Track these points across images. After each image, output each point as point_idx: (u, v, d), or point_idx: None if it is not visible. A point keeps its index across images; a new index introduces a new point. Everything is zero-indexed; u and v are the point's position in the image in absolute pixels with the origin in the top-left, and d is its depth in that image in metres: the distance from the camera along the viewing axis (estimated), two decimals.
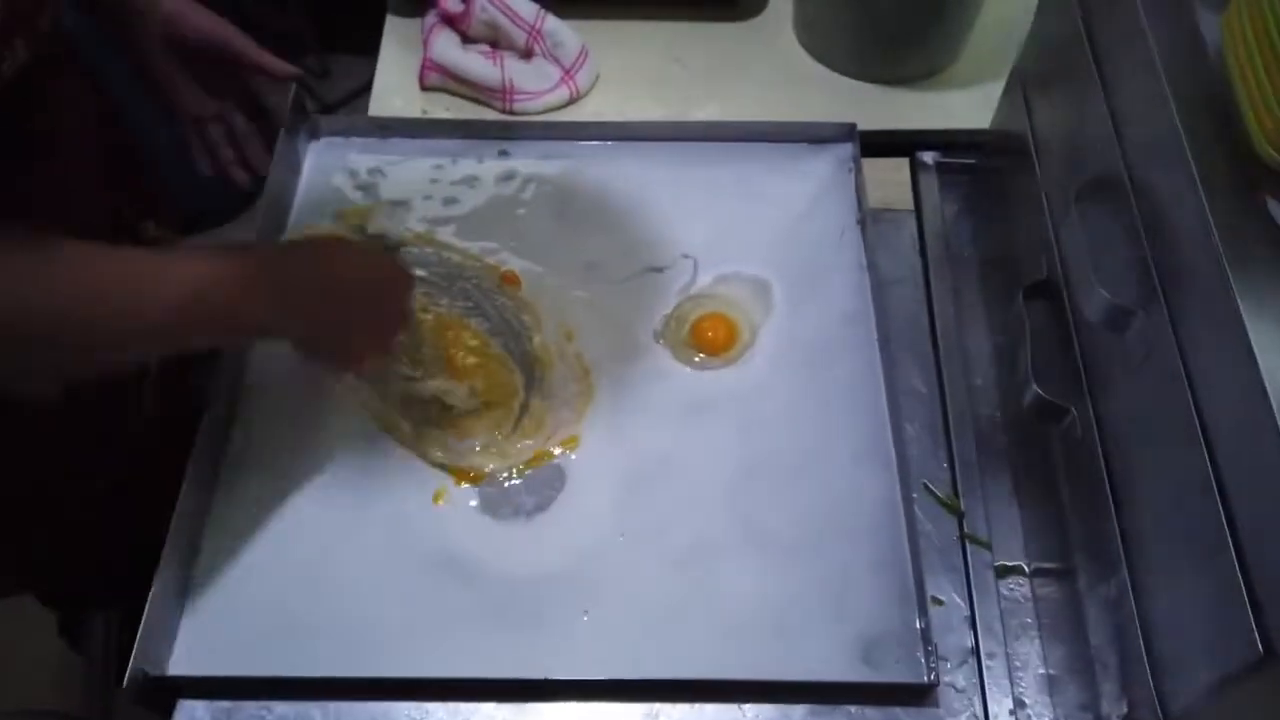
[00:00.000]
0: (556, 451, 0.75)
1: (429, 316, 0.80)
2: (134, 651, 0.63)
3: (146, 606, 0.64)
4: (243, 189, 0.89)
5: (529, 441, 0.76)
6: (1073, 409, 0.65)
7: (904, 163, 0.94)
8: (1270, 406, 0.46)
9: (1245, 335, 0.48)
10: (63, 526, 0.83)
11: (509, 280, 0.84)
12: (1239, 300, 0.49)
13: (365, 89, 1.00)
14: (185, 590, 0.68)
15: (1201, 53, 0.58)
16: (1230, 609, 0.47)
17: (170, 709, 0.65)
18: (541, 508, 0.73)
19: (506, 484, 0.74)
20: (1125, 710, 0.58)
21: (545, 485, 0.74)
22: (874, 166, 0.89)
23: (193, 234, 0.83)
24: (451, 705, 0.66)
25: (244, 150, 0.86)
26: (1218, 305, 0.50)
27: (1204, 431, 0.51)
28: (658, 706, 0.66)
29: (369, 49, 1.03)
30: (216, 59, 0.80)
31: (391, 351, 0.75)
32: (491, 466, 0.75)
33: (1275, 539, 0.46)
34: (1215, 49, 0.57)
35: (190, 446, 0.71)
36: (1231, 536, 0.48)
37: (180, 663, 0.66)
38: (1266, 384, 0.46)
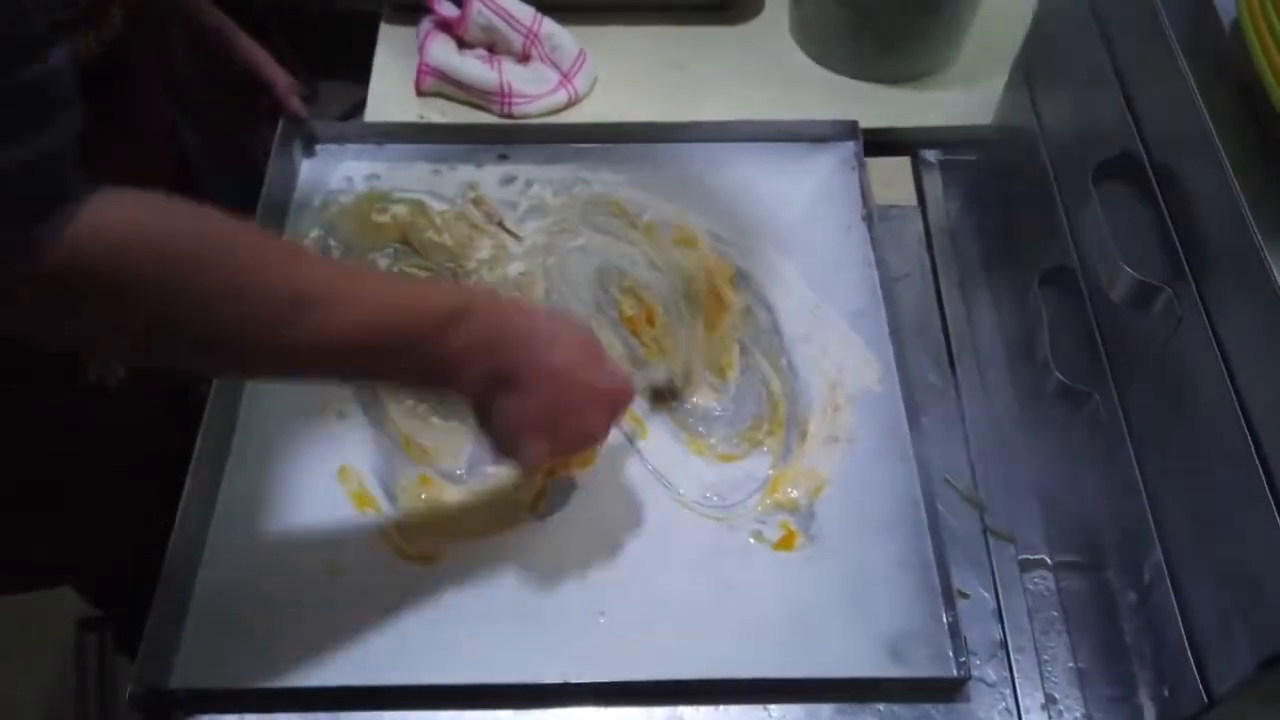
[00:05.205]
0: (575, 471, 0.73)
1: None
2: (136, 665, 0.61)
3: (148, 619, 0.62)
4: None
5: None
6: (1095, 393, 0.64)
7: (903, 163, 0.94)
8: None
9: None
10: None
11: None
12: (1273, 266, 0.48)
13: (354, 113, 0.99)
14: (186, 602, 0.66)
15: (1214, 22, 0.57)
16: (1276, 582, 0.46)
17: None
18: (555, 509, 0.71)
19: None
20: (1165, 696, 0.56)
21: (558, 487, 0.72)
22: (874, 166, 0.88)
23: None
24: (465, 714, 0.63)
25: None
26: (1250, 273, 0.49)
27: (1240, 401, 0.50)
28: (680, 709, 0.64)
29: (357, 74, 1.02)
30: (247, 80, 0.82)
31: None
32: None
33: None
34: (1229, 17, 0.56)
35: (164, 422, 0.67)
36: (1276, 505, 0.47)
37: (182, 676, 0.63)
38: None
